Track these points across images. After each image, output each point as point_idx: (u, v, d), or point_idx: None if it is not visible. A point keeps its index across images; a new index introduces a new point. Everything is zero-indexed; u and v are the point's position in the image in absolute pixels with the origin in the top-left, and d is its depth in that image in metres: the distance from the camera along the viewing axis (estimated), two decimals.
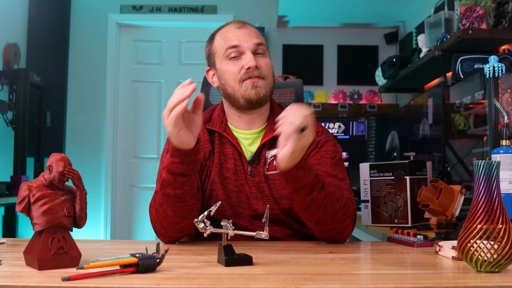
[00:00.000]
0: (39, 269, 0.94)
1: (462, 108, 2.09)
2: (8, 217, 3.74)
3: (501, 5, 2.33)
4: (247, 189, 1.45)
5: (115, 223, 4.57)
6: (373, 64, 4.53)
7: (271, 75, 1.49)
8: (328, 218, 1.28)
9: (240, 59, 1.45)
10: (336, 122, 3.47)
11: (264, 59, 1.47)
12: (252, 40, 1.45)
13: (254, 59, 1.43)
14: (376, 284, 0.90)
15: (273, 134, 1.46)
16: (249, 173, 1.46)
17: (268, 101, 1.51)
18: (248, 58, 1.43)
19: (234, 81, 1.44)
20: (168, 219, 1.29)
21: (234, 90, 1.45)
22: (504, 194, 1.37)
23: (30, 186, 0.97)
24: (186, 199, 1.26)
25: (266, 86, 1.45)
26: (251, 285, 0.87)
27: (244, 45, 1.44)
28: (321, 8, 4.12)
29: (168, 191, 1.25)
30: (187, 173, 1.23)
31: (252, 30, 1.49)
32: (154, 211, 1.32)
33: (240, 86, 1.44)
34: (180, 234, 1.34)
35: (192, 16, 4.60)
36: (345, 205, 1.31)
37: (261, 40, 1.47)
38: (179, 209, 1.27)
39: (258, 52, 1.46)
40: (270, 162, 1.47)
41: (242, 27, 1.48)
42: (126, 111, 4.66)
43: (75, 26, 4.58)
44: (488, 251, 0.92)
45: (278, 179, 1.45)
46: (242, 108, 1.47)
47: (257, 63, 1.44)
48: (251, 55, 1.43)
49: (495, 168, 0.95)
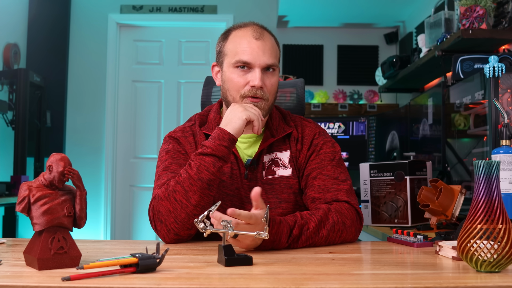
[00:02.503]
0: (39, 269, 0.94)
1: (462, 108, 2.09)
2: (8, 217, 3.74)
3: (501, 5, 2.33)
4: (243, 193, 1.45)
5: (115, 223, 4.57)
6: (373, 64, 4.53)
7: (274, 93, 1.46)
8: (322, 243, 1.30)
9: (248, 72, 1.42)
10: (336, 122, 3.47)
11: (271, 79, 1.43)
12: (265, 59, 1.41)
13: (261, 78, 1.40)
14: (376, 284, 0.90)
15: (273, 140, 1.47)
16: (245, 177, 1.45)
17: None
18: (255, 77, 1.40)
19: (236, 93, 1.43)
20: (188, 209, 1.28)
21: (234, 100, 1.44)
22: (504, 194, 1.37)
23: (30, 186, 0.97)
24: (214, 188, 1.31)
25: (265, 107, 1.43)
26: (251, 285, 0.87)
27: (255, 62, 1.40)
28: (321, 8, 4.12)
29: (203, 176, 1.28)
30: (227, 159, 1.32)
31: (269, 44, 1.43)
32: (168, 204, 1.29)
33: (240, 100, 1.42)
34: (188, 232, 1.32)
35: (192, 16, 4.60)
36: (336, 223, 1.31)
37: (273, 61, 1.43)
38: (204, 198, 1.29)
39: (268, 69, 1.43)
40: (269, 166, 1.47)
41: (260, 38, 1.42)
42: (126, 111, 4.66)
43: (75, 26, 4.58)
44: (488, 251, 0.92)
45: (277, 183, 1.45)
46: None
47: (263, 82, 1.41)
48: (260, 74, 1.40)
49: (495, 168, 0.95)
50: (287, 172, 1.46)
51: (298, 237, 1.25)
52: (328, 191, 1.41)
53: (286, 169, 1.46)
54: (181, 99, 4.65)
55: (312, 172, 1.45)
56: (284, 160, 1.47)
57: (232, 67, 1.43)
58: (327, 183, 1.42)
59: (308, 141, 1.49)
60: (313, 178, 1.44)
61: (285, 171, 1.46)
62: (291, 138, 1.49)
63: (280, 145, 1.49)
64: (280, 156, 1.47)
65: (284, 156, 1.47)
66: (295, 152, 1.48)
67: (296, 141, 1.49)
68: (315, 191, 1.42)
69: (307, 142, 1.49)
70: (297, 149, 1.48)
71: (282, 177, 1.46)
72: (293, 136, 1.50)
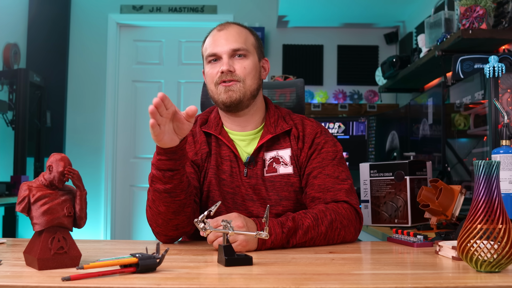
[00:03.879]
0: (39, 269, 0.94)
1: (462, 108, 2.09)
2: (8, 217, 3.74)
3: (501, 5, 2.33)
4: (243, 191, 1.45)
5: (115, 223, 4.57)
6: (373, 64, 4.53)
7: (251, 76, 1.46)
8: (322, 241, 1.31)
9: (218, 62, 1.46)
10: (336, 122, 3.47)
11: (242, 62, 1.46)
12: (229, 45, 1.45)
13: (228, 63, 1.44)
14: (376, 284, 0.90)
15: (270, 136, 1.47)
16: (245, 174, 1.46)
17: (252, 103, 1.50)
18: (223, 62, 1.44)
19: (212, 84, 1.47)
20: (161, 215, 1.29)
21: (212, 93, 1.48)
22: (504, 194, 1.37)
23: (30, 186, 0.97)
24: (177, 193, 1.26)
25: (241, 89, 1.44)
26: (251, 285, 0.87)
27: (221, 50, 1.45)
28: (321, 8, 4.12)
29: (158, 186, 1.25)
30: (175, 168, 1.24)
31: (232, 32, 1.47)
32: (148, 209, 1.33)
33: (216, 89, 1.46)
34: (176, 232, 1.33)
35: (192, 16, 4.60)
36: (334, 220, 1.32)
37: (239, 45, 1.46)
38: (170, 205, 1.27)
39: (237, 55, 1.46)
40: (270, 164, 1.47)
41: (223, 29, 1.48)
42: (126, 111, 4.66)
43: (75, 26, 4.58)
44: (488, 251, 0.92)
45: (278, 181, 1.46)
46: (223, 110, 1.50)
47: (232, 66, 1.44)
48: (227, 59, 1.44)
49: (495, 168, 0.95)
50: (288, 170, 1.47)
51: (294, 230, 1.25)
52: (328, 190, 1.41)
53: (287, 167, 1.47)
54: (181, 99, 4.65)
55: (313, 171, 1.45)
56: (285, 158, 1.48)
57: (207, 63, 1.49)
58: (327, 183, 1.42)
59: (309, 139, 1.49)
60: (314, 177, 1.44)
61: (286, 169, 1.47)
62: (291, 137, 1.50)
63: (281, 143, 1.49)
64: (282, 154, 1.48)
65: (285, 154, 1.48)
66: (296, 150, 1.48)
67: (297, 139, 1.50)
68: (315, 190, 1.42)
69: (308, 140, 1.50)
70: (298, 147, 1.49)
71: (283, 175, 1.46)
72: (293, 135, 1.50)
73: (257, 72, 1.49)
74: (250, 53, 1.48)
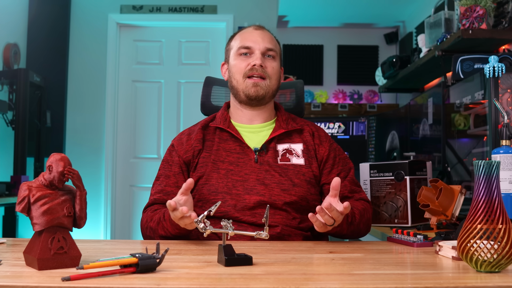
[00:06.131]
0: (39, 269, 0.94)
1: (462, 108, 2.09)
2: (8, 217, 3.74)
3: (501, 5, 2.33)
4: (254, 177, 1.53)
5: (115, 223, 4.57)
6: (373, 64, 4.53)
7: (276, 78, 1.61)
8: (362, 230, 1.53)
9: (250, 57, 1.59)
10: (336, 122, 3.47)
11: (272, 62, 1.60)
12: (264, 44, 1.59)
13: (261, 59, 1.57)
14: (376, 284, 0.90)
15: (283, 131, 1.59)
16: (255, 161, 1.54)
17: (270, 101, 1.63)
18: (256, 57, 1.57)
19: (239, 75, 1.59)
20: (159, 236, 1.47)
21: (237, 83, 1.60)
22: (504, 194, 1.37)
23: (30, 186, 0.97)
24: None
25: (267, 87, 1.58)
26: (251, 285, 0.87)
27: (255, 46, 1.59)
28: (321, 8, 4.12)
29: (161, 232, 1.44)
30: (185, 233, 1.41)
31: (268, 35, 1.63)
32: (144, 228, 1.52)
33: (243, 81, 1.59)
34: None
35: (192, 16, 4.60)
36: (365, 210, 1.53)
37: (273, 46, 1.61)
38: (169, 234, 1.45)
39: (268, 55, 1.60)
40: (283, 154, 1.58)
41: (259, 29, 1.64)
42: (126, 111, 4.65)
43: (75, 26, 4.58)
44: (488, 251, 0.92)
45: (291, 169, 1.55)
46: (242, 102, 1.61)
47: (263, 63, 1.57)
48: (260, 55, 1.58)
49: (495, 168, 0.95)
50: (300, 161, 1.58)
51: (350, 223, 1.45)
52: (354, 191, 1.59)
53: (300, 158, 1.58)
54: (181, 99, 4.65)
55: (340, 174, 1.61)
56: (298, 151, 1.59)
57: (236, 55, 1.61)
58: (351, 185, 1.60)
59: (327, 144, 1.62)
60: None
61: (298, 160, 1.58)
62: (305, 134, 1.62)
63: (293, 138, 1.61)
64: (294, 147, 1.60)
65: (297, 147, 1.60)
66: (312, 145, 1.60)
67: (313, 136, 1.62)
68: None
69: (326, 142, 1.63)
70: (315, 142, 1.61)
71: (296, 165, 1.57)
72: (308, 132, 1.63)
73: (279, 75, 1.64)
74: (277, 57, 1.63)
